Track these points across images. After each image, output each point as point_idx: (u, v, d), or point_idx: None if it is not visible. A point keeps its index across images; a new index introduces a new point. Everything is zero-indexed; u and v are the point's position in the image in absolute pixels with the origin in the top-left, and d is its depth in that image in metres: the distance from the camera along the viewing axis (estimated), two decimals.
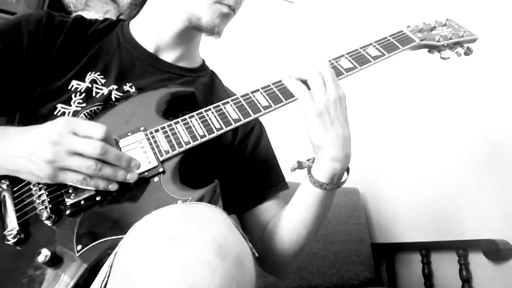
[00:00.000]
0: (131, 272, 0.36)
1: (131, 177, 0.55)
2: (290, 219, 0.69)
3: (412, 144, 1.58)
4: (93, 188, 0.54)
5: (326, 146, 0.61)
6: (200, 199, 0.55)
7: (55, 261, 0.50)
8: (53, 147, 0.49)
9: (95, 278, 0.48)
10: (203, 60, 0.87)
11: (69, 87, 0.68)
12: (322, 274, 1.45)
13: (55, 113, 0.66)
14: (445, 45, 0.78)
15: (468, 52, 0.79)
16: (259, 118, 0.72)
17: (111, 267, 0.41)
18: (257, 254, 0.45)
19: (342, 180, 0.65)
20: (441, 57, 0.79)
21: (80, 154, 0.50)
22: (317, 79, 0.63)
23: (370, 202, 1.78)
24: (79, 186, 0.53)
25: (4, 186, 0.56)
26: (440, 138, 1.44)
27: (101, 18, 0.80)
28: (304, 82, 0.65)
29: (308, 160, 0.67)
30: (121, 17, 0.83)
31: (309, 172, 0.65)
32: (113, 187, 0.54)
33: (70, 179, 0.52)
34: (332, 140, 0.61)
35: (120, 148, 0.60)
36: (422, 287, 1.41)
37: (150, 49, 0.76)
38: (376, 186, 1.76)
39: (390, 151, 1.70)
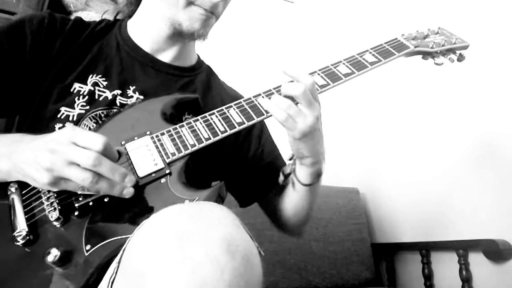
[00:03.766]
0: (141, 268, 0.37)
1: (127, 193, 0.54)
2: (291, 208, 0.80)
3: (411, 144, 1.58)
4: (95, 193, 0.55)
5: (308, 156, 0.67)
6: (206, 199, 0.56)
7: (64, 261, 0.50)
8: (51, 155, 0.50)
9: (104, 276, 0.48)
10: (198, 56, 0.88)
11: (72, 90, 0.69)
12: (322, 274, 1.46)
13: (58, 116, 0.67)
14: (438, 51, 0.82)
15: (460, 58, 0.83)
16: None
17: (119, 263, 0.42)
18: (263, 253, 0.46)
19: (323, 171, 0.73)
20: (435, 63, 0.83)
21: (78, 164, 0.51)
22: (305, 101, 0.61)
23: (370, 202, 1.78)
24: (80, 193, 0.54)
25: (13, 190, 0.57)
26: (440, 138, 1.45)
27: (99, 19, 0.80)
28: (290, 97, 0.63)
29: (289, 160, 0.73)
30: (119, 16, 0.84)
31: (294, 173, 0.72)
32: (115, 192, 0.54)
33: (72, 187, 0.53)
34: (313, 150, 0.66)
35: (127, 152, 0.61)
36: (422, 287, 1.41)
37: (148, 50, 0.77)
38: (376, 186, 1.77)
39: (390, 152, 1.70)
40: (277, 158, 0.87)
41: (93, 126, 0.67)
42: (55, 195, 0.56)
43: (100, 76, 0.71)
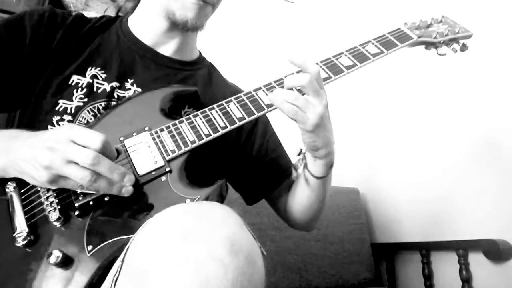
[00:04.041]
0: (145, 267, 0.37)
1: (126, 191, 0.54)
2: (302, 203, 0.78)
3: (411, 144, 1.58)
4: (94, 192, 0.54)
5: (322, 147, 0.65)
6: (207, 198, 0.56)
7: (67, 262, 0.50)
8: (50, 153, 0.50)
9: (107, 275, 0.48)
10: (200, 52, 0.88)
11: (70, 82, 0.69)
12: (322, 274, 1.45)
13: (56, 108, 0.66)
14: (442, 41, 0.80)
15: (463, 48, 0.81)
16: None
17: (122, 262, 0.42)
18: (265, 253, 0.46)
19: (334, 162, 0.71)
20: (437, 54, 0.81)
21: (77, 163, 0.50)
22: (312, 91, 0.60)
23: (370, 202, 1.78)
24: (79, 191, 0.54)
25: (11, 188, 0.56)
26: (440, 138, 1.45)
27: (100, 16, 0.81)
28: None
29: (298, 155, 0.71)
30: (120, 12, 0.84)
31: (305, 167, 0.71)
32: (114, 191, 0.54)
33: (71, 185, 0.52)
34: (326, 140, 0.65)
35: (127, 149, 0.60)
36: (422, 287, 1.41)
37: (149, 43, 0.77)
38: (376, 186, 1.77)
39: (390, 151, 1.70)
40: (282, 155, 0.86)
41: (91, 119, 0.67)
42: (55, 194, 0.56)
43: (99, 68, 0.71)
